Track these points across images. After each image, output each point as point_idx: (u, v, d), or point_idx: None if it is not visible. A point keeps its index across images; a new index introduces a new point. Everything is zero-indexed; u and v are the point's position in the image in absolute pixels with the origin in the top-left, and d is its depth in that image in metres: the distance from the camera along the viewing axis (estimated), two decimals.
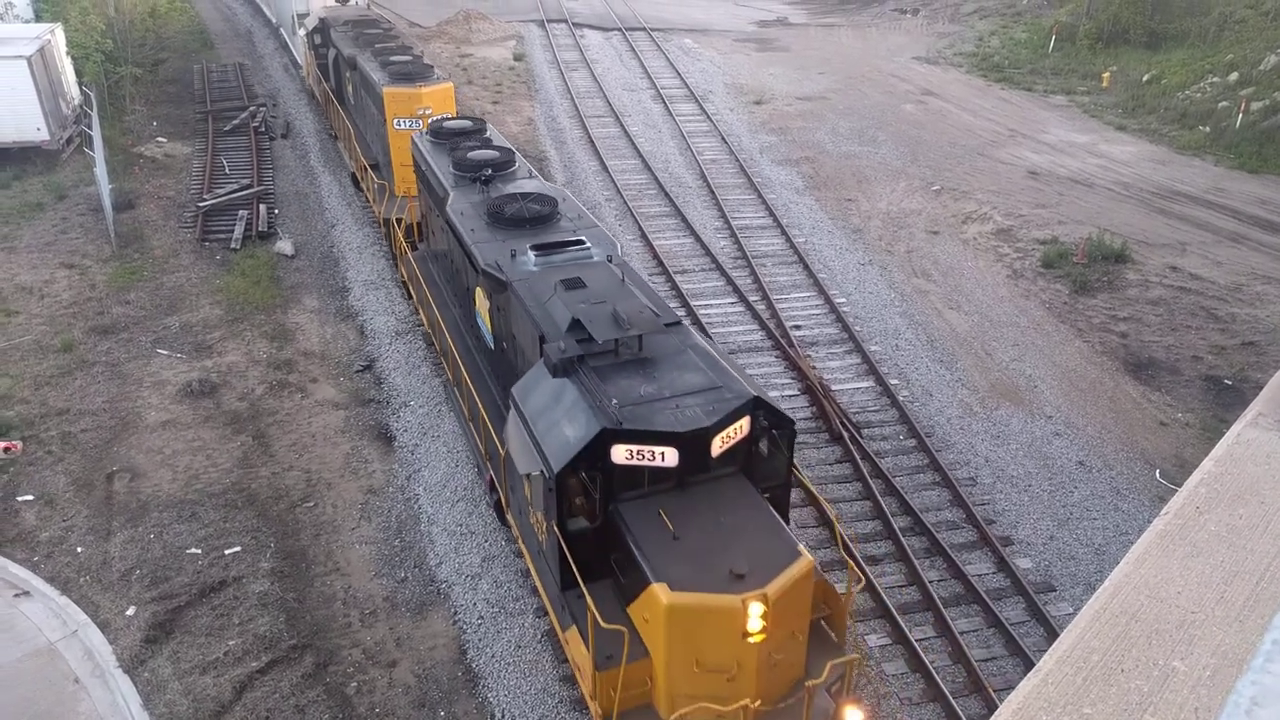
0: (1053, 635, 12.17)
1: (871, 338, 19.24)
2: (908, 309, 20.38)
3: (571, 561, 9.11)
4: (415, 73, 20.61)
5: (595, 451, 8.91)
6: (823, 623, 9.77)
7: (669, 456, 8.99)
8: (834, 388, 17.36)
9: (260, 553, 13.56)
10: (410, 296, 18.27)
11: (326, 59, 26.53)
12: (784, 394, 17.27)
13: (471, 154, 15.06)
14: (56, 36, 28.11)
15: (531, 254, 11.87)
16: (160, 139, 29.40)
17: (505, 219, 12.87)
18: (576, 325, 10.21)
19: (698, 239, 23.18)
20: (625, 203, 25.17)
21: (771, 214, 24.79)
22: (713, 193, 25.95)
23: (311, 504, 14.52)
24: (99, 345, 18.38)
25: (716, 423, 9.04)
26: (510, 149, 15.83)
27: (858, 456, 15.38)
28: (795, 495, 12.46)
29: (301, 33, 29.41)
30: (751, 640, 8.31)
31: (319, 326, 19.42)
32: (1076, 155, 29.28)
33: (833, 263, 22.42)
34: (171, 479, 14.90)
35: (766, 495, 9.76)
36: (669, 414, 9.06)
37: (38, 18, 34.96)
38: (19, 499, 14.33)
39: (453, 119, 17.66)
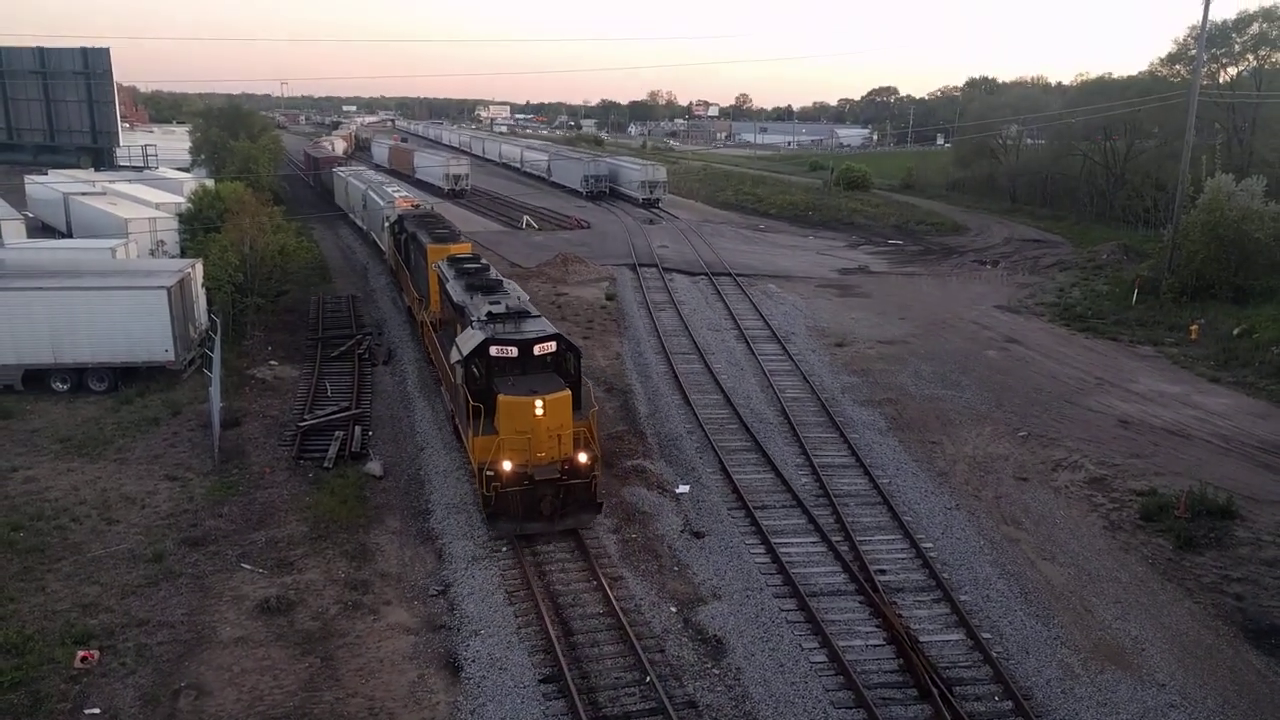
0: None
1: (961, 586, 18.36)
2: (998, 557, 19.52)
3: (469, 400, 19.43)
4: (448, 236, 32.87)
5: (482, 349, 19.78)
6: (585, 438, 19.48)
7: (513, 351, 19.83)
8: (921, 639, 16.41)
9: None
10: (430, 360, 29.52)
11: (400, 240, 38.29)
12: (867, 643, 16.40)
13: (464, 265, 27.26)
14: (196, 270, 31.16)
15: (480, 296, 23.27)
16: (272, 362, 31.47)
17: (474, 287, 24.39)
18: (489, 313, 21.07)
19: (778, 474, 23.06)
20: (706, 435, 25.45)
21: (854, 453, 24.65)
22: (794, 430, 26.08)
23: None
24: (188, 557, 18.84)
25: (535, 338, 20.10)
26: (488, 265, 27.79)
27: (949, 719, 14.24)
28: None
29: (386, 225, 43.95)
30: (538, 416, 18.68)
31: (399, 548, 19.59)
32: (1169, 405, 28.70)
33: (918, 505, 21.89)
34: (236, 699, 14.67)
35: (569, 383, 19.76)
36: (516, 335, 20.15)
37: (183, 252, 38.93)
38: (86, 712, 14.24)
39: (463, 254, 29.54)
